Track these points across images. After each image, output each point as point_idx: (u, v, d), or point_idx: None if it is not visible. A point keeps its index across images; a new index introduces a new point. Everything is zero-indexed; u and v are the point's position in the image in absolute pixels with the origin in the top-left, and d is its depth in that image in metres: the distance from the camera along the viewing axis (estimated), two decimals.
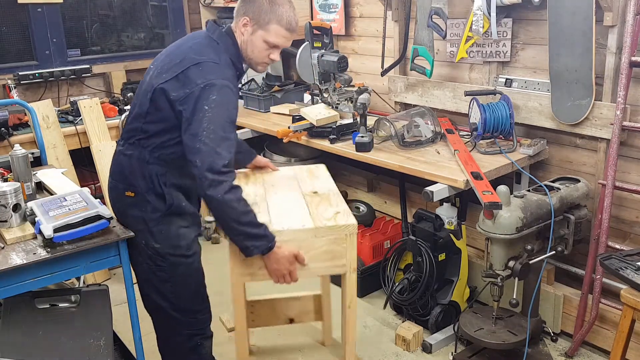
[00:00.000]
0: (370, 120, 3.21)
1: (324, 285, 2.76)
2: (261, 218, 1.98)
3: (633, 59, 2.46)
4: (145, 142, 2.05)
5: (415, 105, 3.45)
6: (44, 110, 3.57)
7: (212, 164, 1.86)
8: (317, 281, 2.79)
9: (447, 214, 3.01)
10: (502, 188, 2.43)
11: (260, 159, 2.50)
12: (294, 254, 1.98)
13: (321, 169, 2.55)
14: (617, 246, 2.61)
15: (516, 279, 2.47)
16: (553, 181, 2.73)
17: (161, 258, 2.10)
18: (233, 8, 2.11)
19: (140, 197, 2.07)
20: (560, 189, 2.61)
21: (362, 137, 3.05)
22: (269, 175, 2.47)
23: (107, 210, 2.09)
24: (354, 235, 2.05)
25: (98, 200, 2.19)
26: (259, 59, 2.07)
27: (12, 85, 3.81)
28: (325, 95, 3.44)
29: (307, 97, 3.97)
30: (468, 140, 3.05)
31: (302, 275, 2.05)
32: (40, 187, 2.55)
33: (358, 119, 3.14)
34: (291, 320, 2.81)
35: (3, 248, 1.99)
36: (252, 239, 1.91)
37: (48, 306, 2.21)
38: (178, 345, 2.24)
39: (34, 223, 2.09)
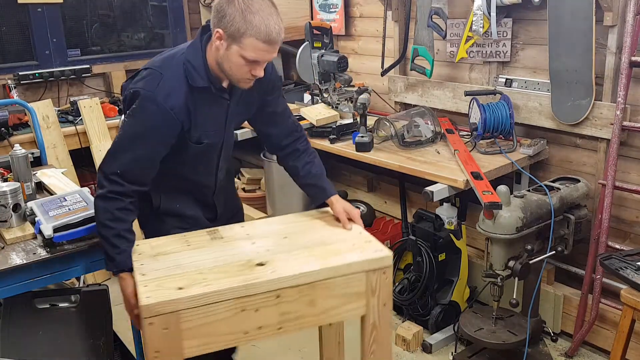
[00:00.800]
0: (370, 120, 3.21)
1: None
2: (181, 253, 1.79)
3: (633, 59, 2.46)
4: None
5: (415, 105, 3.45)
6: (44, 110, 3.57)
7: (103, 165, 1.83)
8: None
9: (447, 214, 3.01)
10: (502, 188, 2.43)
11: (335, 206, 2.00)
12: (125, 293, 1.81)
13: (365, 249, 1.79)
14: (617, 246, 2.61)
15: (516, 279, 2.47)
16: (553, 181, 2.73)
17: None
18: None
19: None
20: (560, 189, 2.61)
21: (362, 137, 3.05)
22: (311, 229, 1.95)
23: None
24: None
25: None
26: (238, 76, 1.81)
27: (12, 85, 3.81)
28: (325, 95, 3.45)
29: (307, 97, 3.97)
30: (468, 140, 3.05)
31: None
32: (40, 187, 2.55)
33: (358, 119, 3.14)
34: None
35: (3, 248, 1.99)
36: (105, 253, 1.83)
37: (48, 306, 2.20)
38: None
39: (34, 223, 2.09)
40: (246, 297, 1.60)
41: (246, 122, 2.19)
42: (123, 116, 1.97)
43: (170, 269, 1.70)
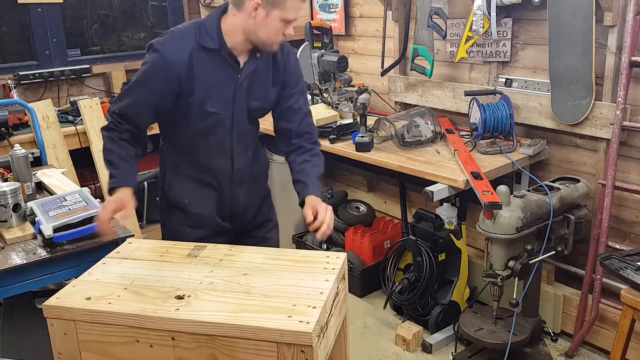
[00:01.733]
0: (370, 120, 3.21)
1: None
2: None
3: (633, 59, 2.46)
4: (161, 130, 2.12)
5: (415, 105, 3.45)
6: (44, 110, 3.57)
7: (111, 102, 2.01)
8: None
9: (447, 214, 3.01)
10: (502, 188, 2.43)
11: (306, 205, 1.95)
12: (109, 200, 1.88)
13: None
14: (617, 246, 2.61)
15: (516, 279, 2.47)
16: (553, 181, 2.73)
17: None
18: None
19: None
20: (560, 189, 2.61)
21: (362, 137, 3.05)
22: (280, 272, 1.69)
23: None
24: None
25: (98, 200, 2.19)
26: (274, 39, 1.91)
27: (12, 85, 3.80)
28: (325, 95, 3.45)
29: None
30: (468, 140, 3.05)
31: None
32: (40, 187, 2.55)
33: (358, 119, 3.14)
34: None
35: (3, 248, 1.99)
36: (109, 176, 1.95)
37: None
38: None
39: (34, 223, 2.09)
40: (140, 328, 1.48)
41: None
42: None
43: (111, 277, 1.68)
